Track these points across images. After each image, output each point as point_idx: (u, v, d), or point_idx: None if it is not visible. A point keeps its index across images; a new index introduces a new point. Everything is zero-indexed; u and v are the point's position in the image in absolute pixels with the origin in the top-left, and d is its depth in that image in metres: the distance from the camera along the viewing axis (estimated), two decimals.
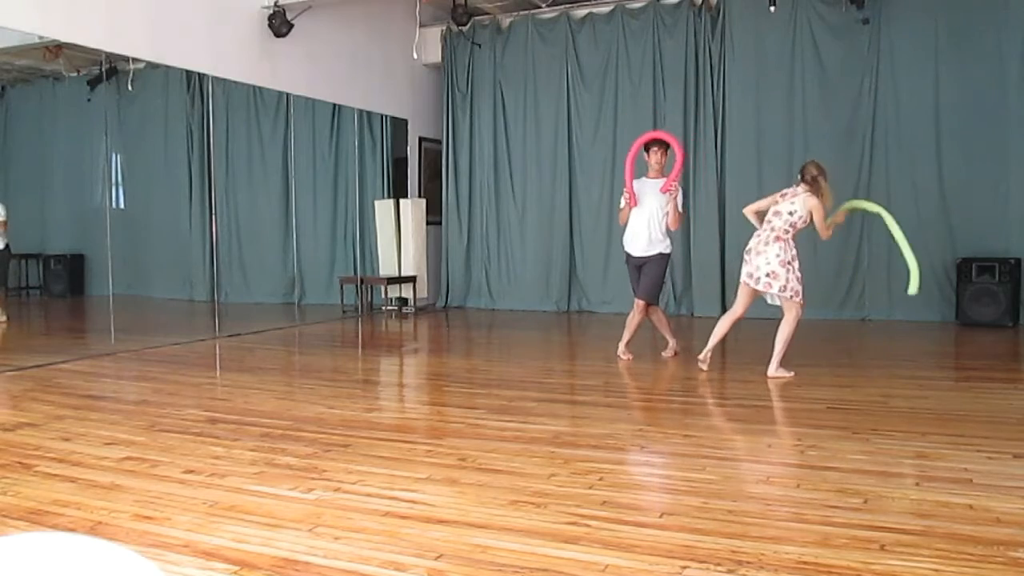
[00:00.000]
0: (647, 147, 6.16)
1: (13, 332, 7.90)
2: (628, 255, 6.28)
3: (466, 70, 10.25)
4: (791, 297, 5.43)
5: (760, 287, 5.48)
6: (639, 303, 6.19)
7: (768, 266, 5.39)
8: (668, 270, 9.29)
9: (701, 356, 5.74)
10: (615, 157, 9.55)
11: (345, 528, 2.69)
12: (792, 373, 5.47)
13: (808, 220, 5.41)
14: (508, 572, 2.33)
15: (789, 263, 5.39)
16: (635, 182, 6.14)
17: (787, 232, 5.40)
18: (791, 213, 5.38)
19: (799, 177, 5.48)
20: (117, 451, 3.68)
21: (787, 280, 5.38)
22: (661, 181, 6.10)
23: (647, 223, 6.08)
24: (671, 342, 6.39)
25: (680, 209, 6.18)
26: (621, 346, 6.27)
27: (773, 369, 5.47)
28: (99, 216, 7.43)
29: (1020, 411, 4.44)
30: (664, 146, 6.14)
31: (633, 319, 6.24)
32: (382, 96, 9.80)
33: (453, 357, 6.49)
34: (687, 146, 9.19)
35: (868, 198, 8.50)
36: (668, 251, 6.19)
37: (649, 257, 6.12)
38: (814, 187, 5.36)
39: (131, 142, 8.65)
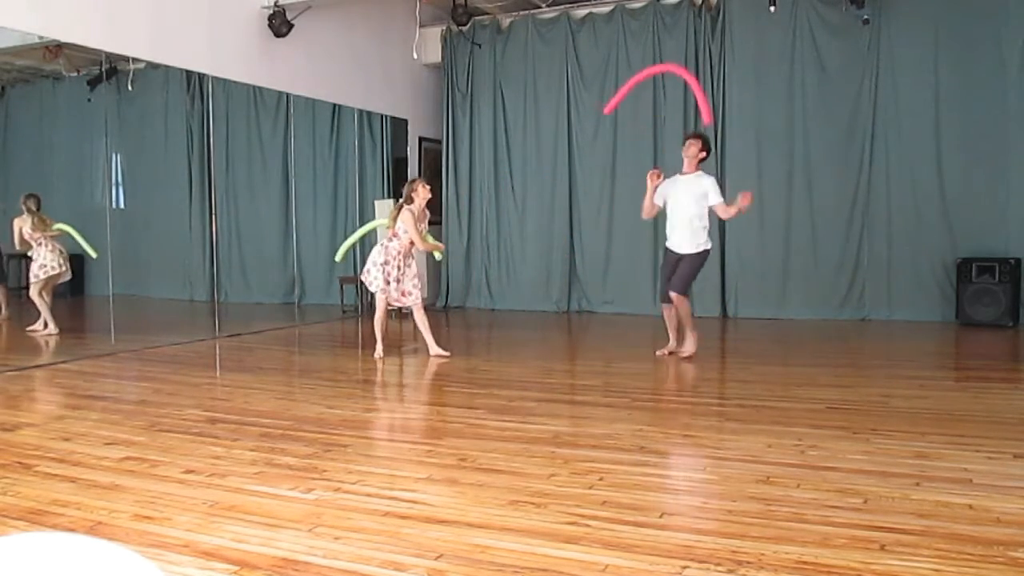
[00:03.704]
0: (683, 140, 6.24)
1: (13, 332, 7.90)
2: (667, 250, 6.32)
3: (466, 70, 10.24)
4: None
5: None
6: (675, 296, 6.18)
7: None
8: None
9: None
10: (615, 157, 9.55)
11: (345, 528, 2.69)
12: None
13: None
14: (508, 572, 2.33)
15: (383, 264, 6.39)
16: (668, 180, 6.20)
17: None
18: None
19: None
20: (117, 451, 3.68)
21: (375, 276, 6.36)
22: (695, 176, 6.13)
23: (688, 219, 6.09)
24: (672, 342, 6.39)
25: (724, 202, 6.18)
26: (684, 344, 6.25)
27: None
28: (99, 216, 7.43)
29: (1020, 411, 4.44)
30: (697, 137, 6.22)
31: (673, 312, 6.28)
32: (382, 96, 9.80)
33: (453, 357, 6.49)
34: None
35: (868, 198, 8.54)
36: (708, 247, 6.21)
37: (687, 253, 6.14)
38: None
39: (131, 142, 8.64)
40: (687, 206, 6.09)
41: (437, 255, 6.99)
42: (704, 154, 6.22)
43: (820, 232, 8.69)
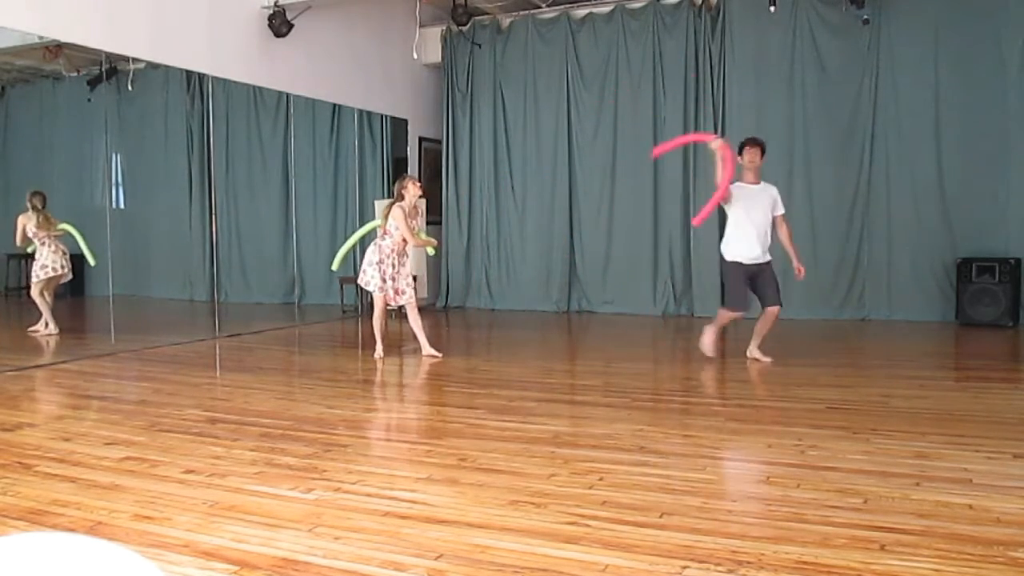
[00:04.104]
0: (740, 147, 5.98)
1: (13, 332, 7.90)
2: (739, 264, 6.01)
3: (466, 70, 10.25)
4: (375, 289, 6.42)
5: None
6: (776, 310, 6.03)
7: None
8: (670, 270, 9.34)
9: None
10: (615, 157, 9.56)
11: (345, 528, 2.69)
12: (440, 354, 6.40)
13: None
14: (508, 572, 2.33)
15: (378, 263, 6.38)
16: (734, 187, 5.88)
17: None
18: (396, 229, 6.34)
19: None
20: (117, 451, 3.68)
21: (371, 276, 6.38)
22: (764, 186, 5.97)
23: (765, 230, 5.92)
24: (721, 337, 6.32)
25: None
26: (755, 349, 6.12)
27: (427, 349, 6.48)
28: (99, 216, 7.43)
29: (1020, 411, 4.44)
30: (757, 144, 5.98)
31: (767, 324, 6.10)
32: (382, 96, 9.80)
33: (453, 357, 6.49)
34: (687, 146, 9.19)
35: (868, 198, 8.54)
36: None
37: (765, 264, 5.98)
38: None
39: (131, 142, 8.64)
40: (765, 215, 5.93)
41: (430, 250, 6.99)
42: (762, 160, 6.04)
43: (820, 232, 8.69)
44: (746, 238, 5.95)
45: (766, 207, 5.96)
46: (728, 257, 6.06)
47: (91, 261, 7.27)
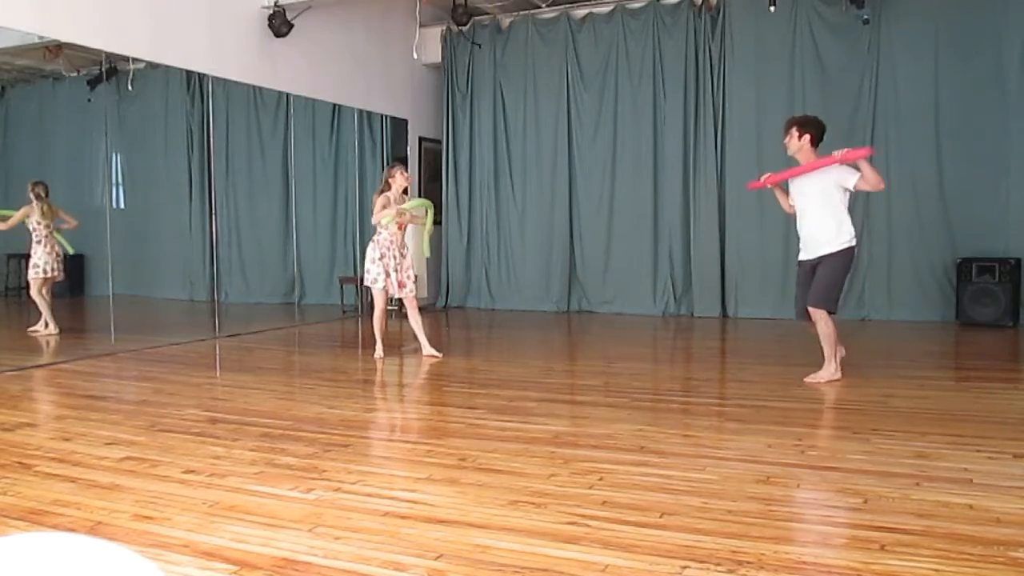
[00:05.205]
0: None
1: (13, 332, 7.89)
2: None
3: (466, 70, 10.25)
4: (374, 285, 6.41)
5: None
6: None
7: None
8: (671, 270, 9.29)
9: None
10: (615, 157, 9.56)
11: (345, 528, 2.70)
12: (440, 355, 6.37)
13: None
14: (508, 572, 2.33)
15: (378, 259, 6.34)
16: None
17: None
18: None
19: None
20: (117, 451, 3.68)
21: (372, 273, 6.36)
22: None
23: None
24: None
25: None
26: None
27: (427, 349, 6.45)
28: (99, 216, 7.42)
29: (1020, 411, 4.44)
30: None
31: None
32: (382, 96, 9.80)
33: (453, 357, 6.49)
34: (687, 146, 9.19)
35: (868, 198, 8.54)
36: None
37: (820, 257, 5.55)
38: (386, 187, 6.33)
39: (131, 142, 8.64)
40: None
41: (427, 240, 6.69)
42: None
43: None
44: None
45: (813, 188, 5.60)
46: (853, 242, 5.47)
47: (69, 250, 7.52)
